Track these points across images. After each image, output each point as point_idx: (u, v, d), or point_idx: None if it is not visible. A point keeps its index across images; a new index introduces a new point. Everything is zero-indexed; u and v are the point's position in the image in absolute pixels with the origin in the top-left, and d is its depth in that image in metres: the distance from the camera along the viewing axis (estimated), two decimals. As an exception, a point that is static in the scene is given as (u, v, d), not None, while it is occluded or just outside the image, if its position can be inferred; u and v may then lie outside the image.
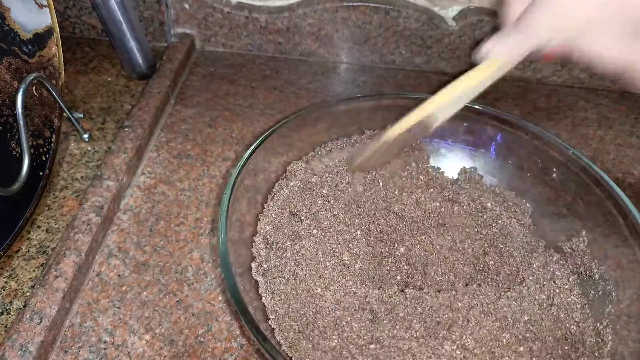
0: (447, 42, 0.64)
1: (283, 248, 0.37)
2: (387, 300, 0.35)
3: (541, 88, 0.66)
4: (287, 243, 0.38)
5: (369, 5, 0.62)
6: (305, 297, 0.35)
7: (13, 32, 0.43)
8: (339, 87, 0.64)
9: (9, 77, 0.42)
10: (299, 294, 0.35)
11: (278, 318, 0.34)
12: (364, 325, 0.34)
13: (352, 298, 0.35)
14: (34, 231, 0.44)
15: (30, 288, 0.40)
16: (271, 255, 0.37)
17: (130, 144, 0.50)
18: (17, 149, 0.42)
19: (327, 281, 0.35)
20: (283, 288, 0.36)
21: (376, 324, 0.34)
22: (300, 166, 0.43)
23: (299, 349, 0.33)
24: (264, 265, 0.37)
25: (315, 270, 0.36)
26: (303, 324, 0.34)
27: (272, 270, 0.37)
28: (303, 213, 0.40)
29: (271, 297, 0.35)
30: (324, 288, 0.35)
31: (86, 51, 0.65)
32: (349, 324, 0.34)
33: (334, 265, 0.36)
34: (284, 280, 0.36)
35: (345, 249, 0.37)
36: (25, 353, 0.34)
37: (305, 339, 0.33)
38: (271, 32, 0.66)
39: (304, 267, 0.36)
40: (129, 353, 0.37)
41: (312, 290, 0.35)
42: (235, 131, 0.56)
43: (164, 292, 0.41)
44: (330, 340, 0.33)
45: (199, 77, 0.64)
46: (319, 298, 0.35)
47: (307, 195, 0.41)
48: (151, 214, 0.46)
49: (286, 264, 0.36)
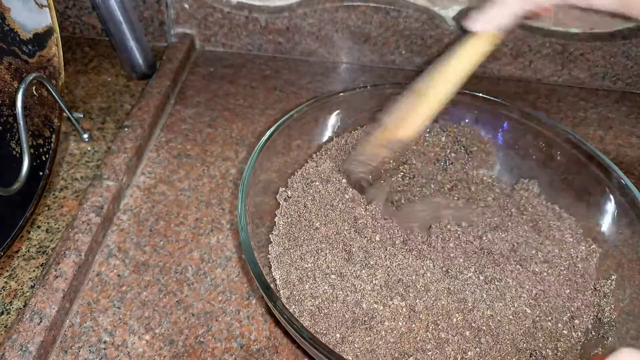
0: (447, 42, 0.64)
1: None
2: (365, 247, 0.38)
3: (541, 88, 0.66)
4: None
5: (369, 5, 0.62)
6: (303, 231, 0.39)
7: (13, 32, 0.43)
8: (339, 87, 0.64)
9: (9, 77, 0.42)
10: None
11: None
12: (337, 259, 0.37)
13: (337, 235, 0.39)
14: (34, 231, 0.44)
15: (30, 288, 0.40)
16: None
17: (130, 144, 0.50)
18: (17, 149, 0.42)
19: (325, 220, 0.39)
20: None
21: (348, 262, 0.37)
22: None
23: (282, 265, 0.38)
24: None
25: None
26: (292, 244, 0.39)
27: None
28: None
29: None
30: (321, 224, 0.39)
31: (86, 51, 0.65)
32: (325, 255, 0.38)
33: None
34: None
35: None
36: (25, 353, 0.34)
37: (289, 258, 0.38)
38: (271, 32, 0.66)
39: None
40: (129, 353, 0.37)
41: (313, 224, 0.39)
42: (235, 131, 0.56)
43: (163, 292, 0.41)
44: (306, 262, 0.37)
45: (199, 77, 0.64)
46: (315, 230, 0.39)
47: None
48: (151, 214, 0.46)
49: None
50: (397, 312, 0.35)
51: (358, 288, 0.36)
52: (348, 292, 0.36)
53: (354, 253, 0.38)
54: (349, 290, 0.36)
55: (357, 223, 0.39)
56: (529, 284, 0.37)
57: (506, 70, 0.66)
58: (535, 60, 0.65)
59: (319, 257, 0.37)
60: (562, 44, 0.63)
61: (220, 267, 0.43)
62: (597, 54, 0.64)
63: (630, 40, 0.62)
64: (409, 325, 0.34)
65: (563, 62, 0.65)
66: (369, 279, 0.36)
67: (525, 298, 0.36)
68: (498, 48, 0.64)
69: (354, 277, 0.36)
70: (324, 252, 0.38)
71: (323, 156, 0.45)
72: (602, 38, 0.63)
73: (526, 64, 0.66)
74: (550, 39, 0.63)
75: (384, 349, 0.33)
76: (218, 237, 0.45)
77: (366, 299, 0.35)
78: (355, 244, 0.38)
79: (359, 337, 0.34)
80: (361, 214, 0.40)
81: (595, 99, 0.65)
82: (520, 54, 0.65)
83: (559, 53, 0.64)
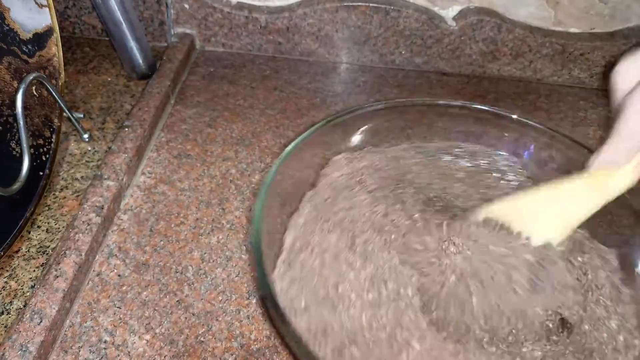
0: (447, 42, 0.64)
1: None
2: (370, 241, 0.38)
3: (541, 88, 0.66)
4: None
5: (369, 5, 0.63)
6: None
7: (13, 32, 0.43)
8: (339, 87, 0.64)
9: (9, 77, 0.42)
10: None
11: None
12: (340, 244, 0.37)
13: (350, 223, 0.38)
14: (34, 231, 0.44)
15: (30, 288, 0.40)
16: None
17: (130, 144, 0.50)
18: (17, 149, 0.42)
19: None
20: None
21: (349, 250, 0.37)
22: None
23: (293, 231, 0.38)
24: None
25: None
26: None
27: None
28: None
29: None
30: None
31: (86, 51, 0.65)
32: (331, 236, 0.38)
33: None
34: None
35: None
36: (25, 353, 0.34)
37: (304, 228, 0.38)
38: (271, 32, 0.66)
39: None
40: (129, 353, 0.37)
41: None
42: (235, 131, 0.56)
43: (164, 292, 0.41)
44: (313, 237, 0.38)
45: (199, 77, 0.64)
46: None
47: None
48: (151, 214, 0.46)
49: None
50: (366, 305, 0.35)
51: (343, 272, 0.36)
52: (333, 272, 0.36)
53: (357, 244, 0.37)
54: (335, 271, 0.36)
55: (380, 225, 0.39)
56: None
57: (506, 70, 0.67)
58: (535, 60, 0.65)
59: (325, 236, 0.38)
60: (562, 44, 0.63)
61: (221, 266, 0.43)
62: (597, 54, 0.64)
63: (630, 40, 0.62)
64: (371, 322, 0.34)
65: (563, 62, 0.65)
66: (357, 269, 0.36)
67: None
68: (498, 48, 0.64)
69: (347, 263, 0.36)
70: (331, 234, 0.38)
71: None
72: (602, 38, 0.63)
73: (526, 64, 0.66)
74: (550, 39, 0.63)
75: (337, 329, 0.33)
76: (218, 237, 0.45)
77: (344, 284, 0.35)
78: (363, 236, 0.38)
79: (321, 311, 0.34)
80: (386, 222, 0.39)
81: (595, 99, 0.65)
82: (520, 54, 0.65)
83: (559, 53, 0.64)
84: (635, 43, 0.61)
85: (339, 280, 0.36)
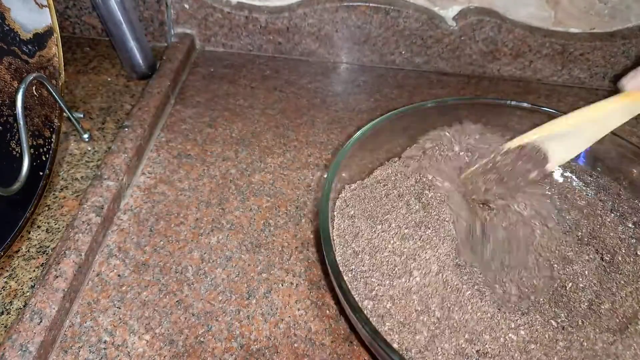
0: (447, 42, 0.64)
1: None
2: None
3: (541, 88, 0.66)
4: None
5: (369, 5, 0.63)
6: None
7: (13, 32, 0.43)
8: (339, 87, 0.64)
9: (9, 77, 0.42)
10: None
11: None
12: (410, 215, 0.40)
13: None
14: (34, 231, 0.44)
15: (30, 288, 0.40)
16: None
17: (130, 144, 0.50)
18: (17, 149, 0.42)
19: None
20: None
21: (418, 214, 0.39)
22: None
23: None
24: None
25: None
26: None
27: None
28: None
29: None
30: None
31: (86, 51, 0.65)
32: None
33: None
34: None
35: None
36: (25, 353, 0.34)
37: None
38: (271, 32, 0.66)
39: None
40: (129, 353, 0.37)
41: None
42: (235, 131, 0.56)
43: (164, 292, 0.41)
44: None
45: (199, 77, 0.64)
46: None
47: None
48: (151, 214, 0.46)
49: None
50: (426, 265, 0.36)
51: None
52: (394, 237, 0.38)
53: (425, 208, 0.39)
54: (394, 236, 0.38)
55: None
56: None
57: (506, 70, 0.67)
58: (535, 60, 0.65)
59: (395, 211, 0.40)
60: (562, 44, 0.63)
61: (221, 267, 0.43)
62: (597, 54, 0.64)
63: (630, 40, 0.62)
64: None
65: (563, 62, 0.65)
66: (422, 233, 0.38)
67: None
68: (498, 48, 0.64)
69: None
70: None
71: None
72: (602, 38, 0.63)
73: (526, 64, 0.66)
74: (550, 39, 0.63)
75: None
76: (218, 237, 0.45)
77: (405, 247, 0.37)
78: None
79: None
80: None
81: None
82: (520, 54, 0.65)
83: (559, 53, 0.64)
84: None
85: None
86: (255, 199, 0.49)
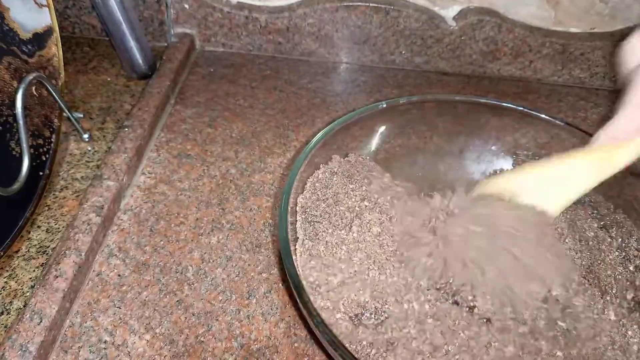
0: (447, 42, 0.64)
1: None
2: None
3: (541, 88, 0.66)
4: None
5: (369, 5, 0.62)
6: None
7: (12, 32, 0.43)
8: (339, 87, 0.64)
9: (8, 77, 0.42)
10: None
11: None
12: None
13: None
14: (34, 231, 0.44)
15: (30, 288, 0.39)
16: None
17: (130, 144, 0.50)
18: (17, 149, 0.42)
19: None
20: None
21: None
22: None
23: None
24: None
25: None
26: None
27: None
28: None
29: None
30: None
31: (86, 51, 0.65)
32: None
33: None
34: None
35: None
36: (25, 353, 0.34)
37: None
38: (271, 32, 0.66)
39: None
40: (129, 353, 0.36)
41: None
42: (235, 131, 0.56)
43: (164, 292, 0.40)
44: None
45: (199, 77, 0.64)
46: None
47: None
48: (151, 214, 0.46)
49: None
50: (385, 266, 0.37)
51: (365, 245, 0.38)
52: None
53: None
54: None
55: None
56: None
57: (506, 70, 0.67)
58: (535, 60, 0.65)
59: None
60: (562, 44, 0.63)
61: (221, 266, 0.43)
62: (597, 54, 0.64)
63: (630, 40, 0.62)
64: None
65: (563, 62, 0.65)
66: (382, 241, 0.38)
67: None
68: (498, 48, 0.64)
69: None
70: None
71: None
72: (602, 38, 0.63)
73: (526, 64, 0.66)
74: (550, 39, 0.63)
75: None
76: (218, 237, 0.45)
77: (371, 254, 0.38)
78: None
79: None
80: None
81: (595, 99, 0.65)
82: (520, 54, 0.65)
83: (559, 53, 0.64)
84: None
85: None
86: (255, 199, 0.49)
